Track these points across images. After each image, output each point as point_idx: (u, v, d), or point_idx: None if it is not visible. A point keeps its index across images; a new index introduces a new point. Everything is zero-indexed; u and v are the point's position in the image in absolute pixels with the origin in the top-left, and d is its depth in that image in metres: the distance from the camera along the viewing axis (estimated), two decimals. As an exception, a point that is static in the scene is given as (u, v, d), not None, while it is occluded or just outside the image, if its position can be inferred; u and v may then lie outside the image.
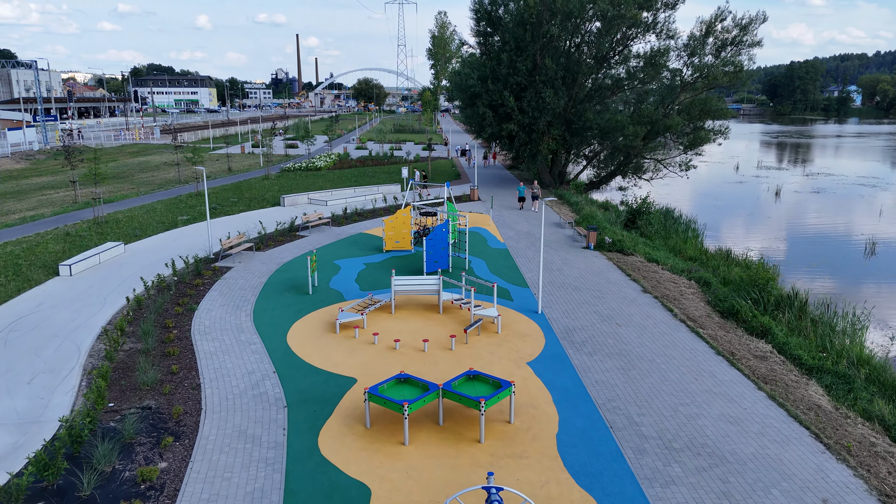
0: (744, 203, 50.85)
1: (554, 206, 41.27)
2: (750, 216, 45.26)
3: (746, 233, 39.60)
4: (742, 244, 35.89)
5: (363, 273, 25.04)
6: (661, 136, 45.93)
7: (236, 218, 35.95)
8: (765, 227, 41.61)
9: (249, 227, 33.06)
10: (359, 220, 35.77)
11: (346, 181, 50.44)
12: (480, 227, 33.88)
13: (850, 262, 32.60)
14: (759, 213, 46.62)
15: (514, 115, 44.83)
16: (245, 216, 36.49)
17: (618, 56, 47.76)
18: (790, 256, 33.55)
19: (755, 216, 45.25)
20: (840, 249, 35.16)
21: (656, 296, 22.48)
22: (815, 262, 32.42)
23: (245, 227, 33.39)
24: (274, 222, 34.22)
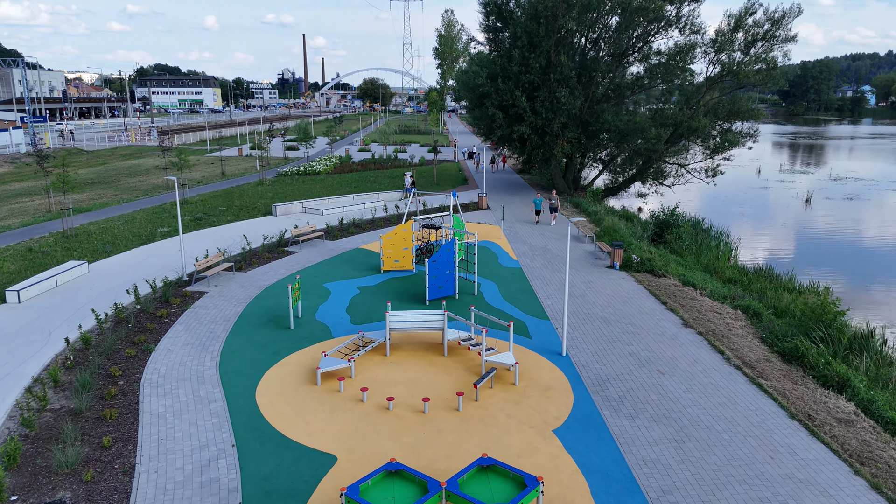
0: (774, 211, 47.20)
1: (571, 215, 37.79)
2: (784, 227, 41.64)
3: (784, 247, 35.98)
4: (783, 261, 32.28)
5: (356, 300, 21.66)
6: (686, 139, 42.37)
7: (222, 230, 32.66)
8: (803, 239, 38.00)
9: (233, 242, 29.75)
10: (356, 231, 32.41)
11: (345, 187, 47.12)
12: (490, 242, 30.46)
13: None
14: (793, 223, 43.00)
15: (526, 116, 41.41)
16: (231, 228, 33.20)
17: (637, 53, 44.28)
18: (840, 274, 29.97)
19: (790, 227, 41.63)
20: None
21: (700, 331, 19.00)
22: (872, 282, 28.83)
23: (229, 241, 30.09)
24: (261, 236, 30.89)
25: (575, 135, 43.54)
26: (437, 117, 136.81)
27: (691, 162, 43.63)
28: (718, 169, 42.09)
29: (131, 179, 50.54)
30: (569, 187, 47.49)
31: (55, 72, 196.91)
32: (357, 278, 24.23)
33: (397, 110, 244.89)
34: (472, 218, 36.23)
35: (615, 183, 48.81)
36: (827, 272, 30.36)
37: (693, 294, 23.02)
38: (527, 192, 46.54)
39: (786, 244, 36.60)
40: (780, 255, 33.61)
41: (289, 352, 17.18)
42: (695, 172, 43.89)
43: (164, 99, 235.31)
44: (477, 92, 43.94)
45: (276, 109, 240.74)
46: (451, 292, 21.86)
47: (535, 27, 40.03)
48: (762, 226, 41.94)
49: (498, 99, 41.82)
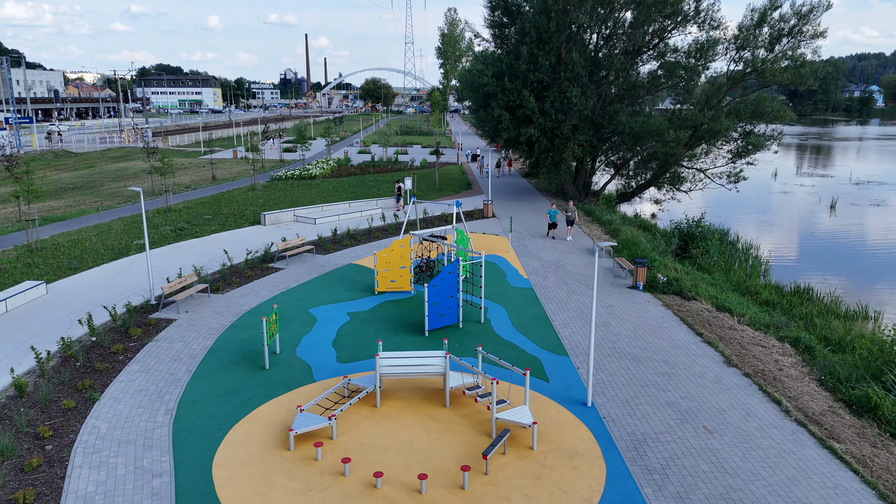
0: (798, 219, 44.29)
1: (583, 224, 34.93)
2: (812, 236, 38.74)
3: (818, 261, 33.03)
4: (821, 278, 29.36)
5: (345, 331, 18.86)
6: (706, 142, 39.50)
7: (203, 242, 29.90)
8: (836, 252, 35.09)
9: (213, 258, 26.98)
10: (350, 244, 29.61)
11: (341, 193, 44.34)
12: (497, 257, 27.64)
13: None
14: (823, 232, 40.09)
15: (535, 117, 38.58)
16: (215, 239, 30.43)
17: (652, 50, 41.43)
18: (889, 294, 27.08)
19: (820, 237, 38.72)
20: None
21: (747, 372, 16.16)
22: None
23: (209, 256, 27.32)
24: (244, 250, 28.11)
25: (586, 137, 40.70)
26: (440, 118, 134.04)
27: (711, 167, 40.73)
28: (741, 174, 39.18)
29: (115, 184, 47.82)
30: (579, 193, 44.64)
31: (53, 72, 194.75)
32: (348, 301, 21.43)
33: (399, 111, 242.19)
34: (477, 227, 33.42)
35: (628, 189, 45.95)
36: (871, 290, 27.47)
37: (730, 322, 20.18)
38: (535, 199, 43.73)
39: (819, 257, 33.68)
40: (814, 271, 30.69)
41: (260, 401, 14.39)
42: (715, 178, 41.02)
43: (163, 99, 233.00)
44: (481, 92, 41.12)
45: (278, 110, 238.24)
46: (454, 320, 19.06)
47: (545, 22, 37.19)
48: (789, 236, 39.03)
49: (504, 99, 39.00)
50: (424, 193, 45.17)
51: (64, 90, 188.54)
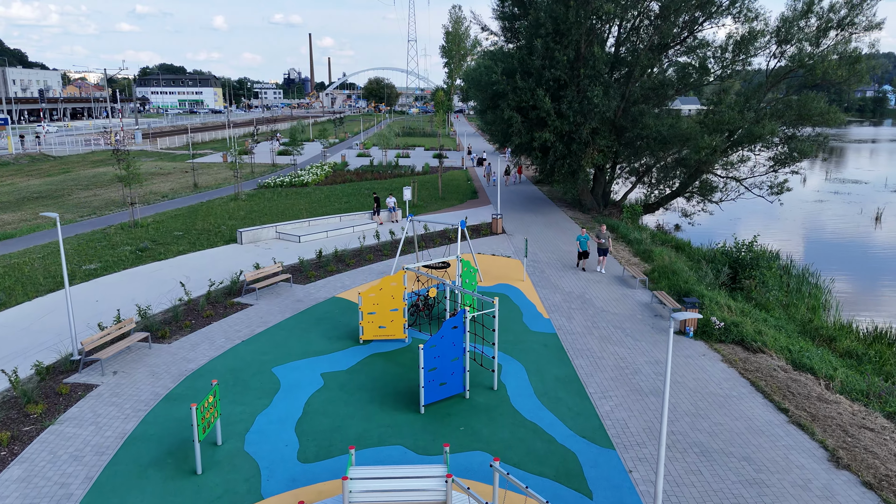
0: (846, 234, 39.61)
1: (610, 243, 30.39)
2: (869, 256, 34.04)
3: (887, 289, 28.32)
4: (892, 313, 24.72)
5: (316, 403, 14.40)
6: (744, 147, 34.92)
7: (165, 266, 25.49)
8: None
9: (169, 290, 22.54)
10: (336, 270, 25.15)
11: (333, 203, 39.90)
12: (510, 287, 23.12)
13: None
14: (878, 250, 35.41)
15: (550, 119, 34.06)
16: (180, 263, 26.03)
17: (680, 45, 36.85)
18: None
19: (877, 256, 34.03)
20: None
21: (868, 480, 11.63)
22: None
23: (165, 286, 22.90)
24: (206, 280, 23.65)
25: (607, 142, 36.16)
26: (444, 118, 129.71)
27: (749, 175, 36.11)
28: (785, 185, 34.55)
29: (85, 193, 43.47)
30: (598, 204, 40.09)
31: (49, 71, 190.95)
32: (324, 356, 16.96)
33: (403, 111, 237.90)
34: (485, 246, 28.91)
35: (651, 198, 41.34)
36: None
37: (815, 387, 15.62)
38: (549, 210, 39.19)
39: (884, 284, 29.01)
40: (889, 303, 26.01)
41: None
42: (752, 188, 36.38)
43: (163, 99, 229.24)
44: (490, 91, 36.62)
45: (280, 110, 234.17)
46: (459, 390, 14.58)
47: (563, 12, 32.64)
48: (843, 256, 34.34)
49: (515, 99, 34.48)
50: (426, 203, 40.72)
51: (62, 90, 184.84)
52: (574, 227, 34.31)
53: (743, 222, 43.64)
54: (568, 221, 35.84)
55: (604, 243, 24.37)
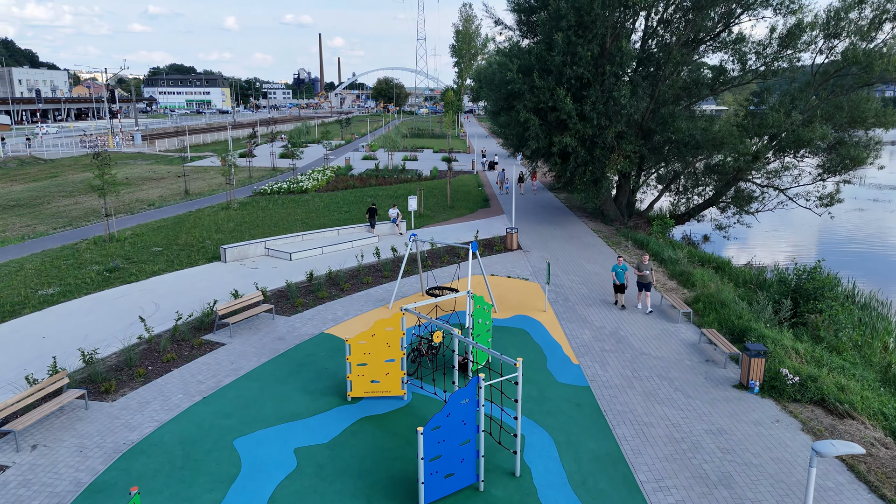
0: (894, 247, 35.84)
1: (637, 260, 26.90)
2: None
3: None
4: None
5: (283, 495, 11.01)
6: (790, 152, 31.29)
7: (134, 291, 22.26)
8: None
9: (129, 325, 19.27)
10: (329, 295, 21.82)
11: (333, 212, 36.61)
12: (530, 320, 19.69)
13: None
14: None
15: (572, 122, 30.58)
16: (152, 286, 22.78)
17: (712, 40, 33.25)
18: None
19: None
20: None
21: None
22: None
23: (128, 317, 19.64)
24: (177, 310, 20.34)
25: (634, 147, 32.64)
26: (454, 119, 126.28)
27: (793, 185, 32.43)
28: (836, 195, 30.88)
29: (66, 201, 40.39)
30: (622, 215, 36.54)
31: (56, 71, 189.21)
32: (302, 420, 13.60)
33: (412, 111, 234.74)
34: (499, 265, 25.47)
35: (679, 208, 37.74)
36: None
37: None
38: (568, 221, 35.68)
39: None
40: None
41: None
42: (797, 198, 32.71)
43: (171, 99, 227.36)
44: (504, 90, 33.17)
45: (287, 110, 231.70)
46: (471, 480, 11.18)
47: (587, 2, 29.14)
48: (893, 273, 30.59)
49: (533, 100, 31.01)
50: (433, 213, 37.36)
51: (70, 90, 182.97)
52: (598, 242, 30.80)
53: (775, 234, 39.95)
54: (590, 235, 32.33)
55: (646, 276, 20.26)
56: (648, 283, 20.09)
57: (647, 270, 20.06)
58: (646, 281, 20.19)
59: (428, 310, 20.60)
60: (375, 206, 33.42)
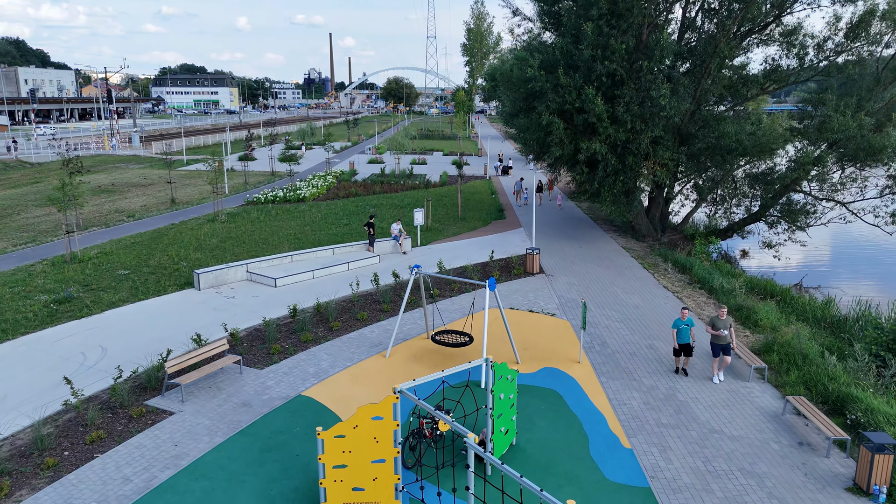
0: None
1: (682, 290, 22.78)
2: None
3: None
4: None
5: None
6: (858, 162, 27.07)
7: (82, 329, 18.47)
8: None
9: (54, 383, 15.43)
10: (314, 339, 17.93)
11: (330, 226, 32.75)
12: (562, 376, 15.67)
13: None
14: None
15: (602, 126, 26.54)
16: (107, 322, 18.98)
17: (758, 33, 29.08)
18: None
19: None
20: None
21: None
22: None
23: (65, 367, 15.83)
24: (122, 360, 16.48)
25: (671, 154, 28.55)
26: (465, 119, 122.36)
27: (858, 198, 28.18)
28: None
29: (38, 212, 36.75)
30: (654, 229, 32.41)
31: (64, 70, 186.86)
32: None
33: (422, 111, 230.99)
34: (519, 296, 21.43)
35: (720, 222, 33.53)
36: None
37: None
38: (594, 236, 31.60)
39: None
40: None
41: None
42: (861, 213, 28.47)
43: (179, 99, 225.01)
44: (524, 90, 29.18)
45: (297, 110, 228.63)
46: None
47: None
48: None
49: (557, 100, 26.97)
50: (442, 226, 33.43)
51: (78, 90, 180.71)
52: (631, 263, 26.71)
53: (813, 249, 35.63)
54: (622, 255, 28.24)
55: (724, 336, 15.27)
56: (727, 345, 15.41)
57: (726, 329, 15.29)
58: (723, 342, 15.31)
59: (434, 360, 16.63)
60: (374, 217, 29.57)
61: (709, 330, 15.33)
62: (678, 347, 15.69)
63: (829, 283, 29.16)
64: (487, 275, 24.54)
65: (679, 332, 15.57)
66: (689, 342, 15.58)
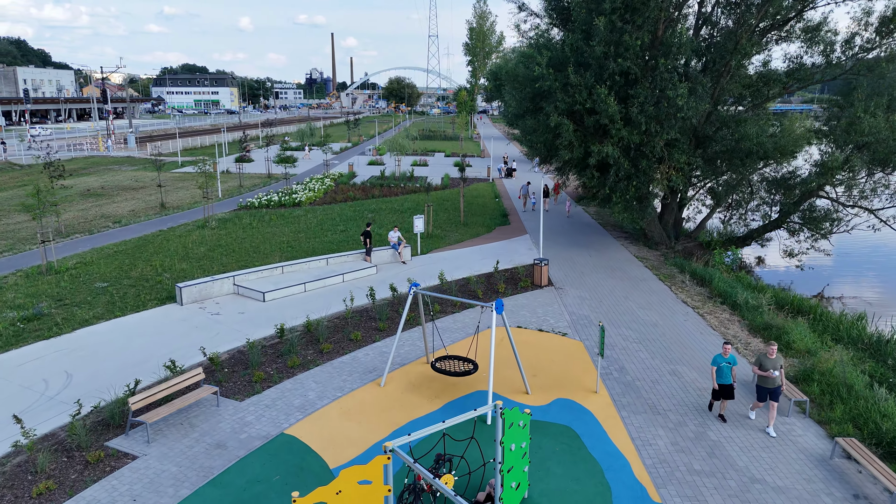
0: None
1: (702, 307, 21.05)
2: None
3: None
4: None
5: None
6: (886, 167, 25.30)
7: (47, 351, 16.80)
8: None
9: (7, 419, 13.75)
10: (302, 363, 16.26)
11: (327, 231, 31.08)
12: (577, 409, 13.95)
13: None
14: None
15: (615, 128, 24.81)
16: (73, 344, 17.32)
17: (777, 30, 27.33)
18: None
19: None
20: None
21: None
22: None
23: (21, 398, 14.15)
24: (86, 389, 14.79)
25: (687, 158, 26.83)
26: (467, 120, 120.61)
27: (888, 205, 26.42)
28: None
29: (18, 218, 35.06)
30: (668, 237, 30.68)
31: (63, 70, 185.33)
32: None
33: (424, 111, 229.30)
34: (527, 312, 19.71)
35: (738, 228, 31.76)
36: None
37: None
38: (603, 244, 29.87)
39: None
40: None
41: None
42: (892, 221, 26.68)
43: (179, 99, 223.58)
44: (530, 89, 27.46)
45: (297, 110, 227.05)
46: None
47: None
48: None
49: (566, 100, 25.25)
50: (444, 232, 31.75)
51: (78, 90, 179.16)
52: (646, 275, 24.97)
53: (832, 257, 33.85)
54: (635, 265, 26.52)
55: (774, 378, 12.87)
56: (776, 389, 12.93)
57: (776, 369, 12.96)
58: (772, 385, 12.89)
59: (434, 389, 14.93)
60: (372, 225, 27.95)
61: (756, 370, 13.03)
62: (718, 388, 13.38)
63: (852, 292, 27.47)
64: (492, 287, 22.84)
65: (719, 370, 13.31)
66: (731, 383, 13.36)
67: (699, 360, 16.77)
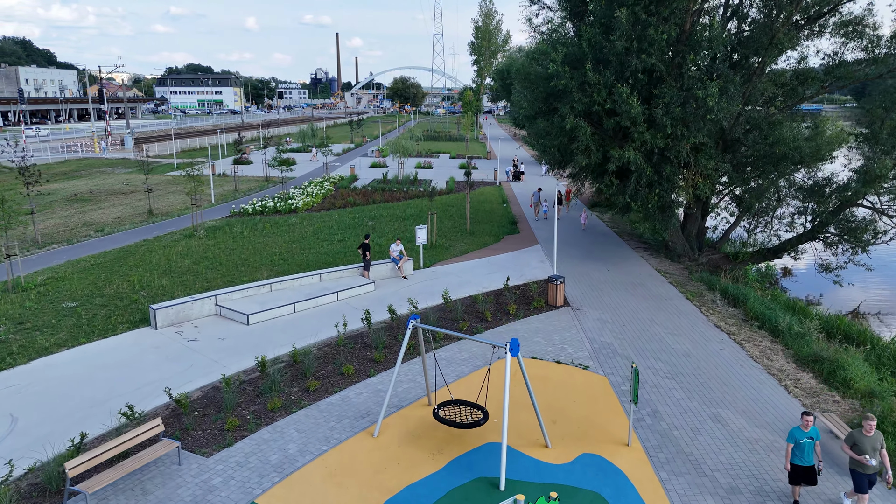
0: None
1: (737, 332, 18.73)
2: None
3: None
4: None
5: None
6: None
7: (1, 387, 14.64)
8: None
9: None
10: (283, 406, 14.04)
11: (323, 241, 28.87)
12: (607, 466, 11.66)
13: None
14: None
15: (637, 131, 22.49)
16: (26, 378, 15.14)
17: (811, 24, 24.95)
18: None
19: None
20: None
21: None
22: None
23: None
24: (31, 438, 12.60)
25: (714, 164, 24.49)
26: (472, 120, 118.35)
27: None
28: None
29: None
30: (692, 248, 28.33)
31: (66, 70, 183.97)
32: None
33: (429, 111, 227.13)
34: (541, 338, 17.42)
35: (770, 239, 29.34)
36: None
37: None
38: (621, 256, 27.55)
39: None
40: None
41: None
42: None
43: (183, 99, 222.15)
44: (544, 88, 25.15)
45: (301, 110, 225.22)
46: None
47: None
48: None
49: (584, 101, 22.94)
50: (448, 242, 29.50)
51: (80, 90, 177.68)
52: (671, 292, 22.63)
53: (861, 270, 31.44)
54: (658, 281, 24.18)
55: (873, 465, 9.90)
56: (873, 476, 10.08)
57: (877, 449, 9.97)
58: (869, 471, 9.96)
59: (437, 441, 12.65)
60: (370, 238, 25.77)
61: (847, 451, 10.10)
62: (794, 470, 10.36)
63: (891, 307, 25.15)
64: (502, 307, 20.57)
65: (798, 448, 10.24)
66: (815, 465, 10.35)
67: (743, 402, 14.46)
